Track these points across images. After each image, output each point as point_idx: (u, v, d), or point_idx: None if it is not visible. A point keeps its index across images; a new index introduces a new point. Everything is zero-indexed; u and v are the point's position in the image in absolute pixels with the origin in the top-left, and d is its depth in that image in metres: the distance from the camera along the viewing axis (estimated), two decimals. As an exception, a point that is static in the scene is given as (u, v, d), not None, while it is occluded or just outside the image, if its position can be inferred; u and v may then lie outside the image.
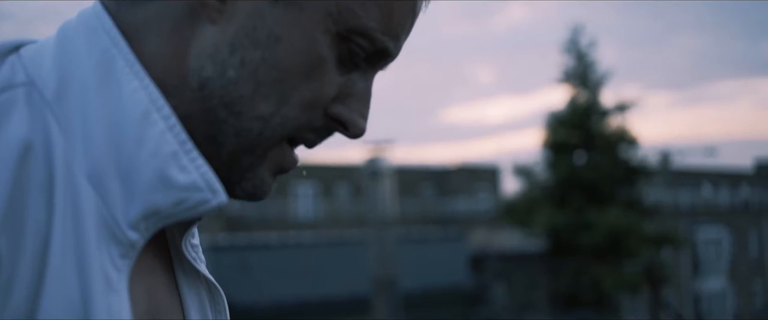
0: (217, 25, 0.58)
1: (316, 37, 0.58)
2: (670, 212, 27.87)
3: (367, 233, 14.20)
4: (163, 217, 0.57)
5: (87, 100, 0.56)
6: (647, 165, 22.21)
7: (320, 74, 0.59)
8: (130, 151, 0.56)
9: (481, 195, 31.34)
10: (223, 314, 0.69)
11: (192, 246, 0.67)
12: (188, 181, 0.56)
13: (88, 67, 0.57)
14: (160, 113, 0.57)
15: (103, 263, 0.54)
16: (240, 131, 0.59)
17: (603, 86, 22.03)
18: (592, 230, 20.40)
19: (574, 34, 22.12)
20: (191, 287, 0.67)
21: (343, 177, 29.53)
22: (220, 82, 0.58)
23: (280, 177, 0.65)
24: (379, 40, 0.60)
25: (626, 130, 21.84)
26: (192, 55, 0.58)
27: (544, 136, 21.95)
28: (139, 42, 0.59)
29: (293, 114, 0.59)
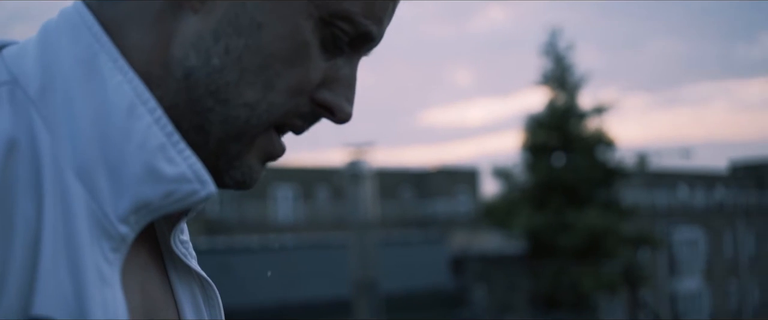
0: (200, 14, 0.58)
1: (299, 22, 0.59)
2: (647, 213, 28.14)
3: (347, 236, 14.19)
4: (153, 210, 0.57)
5: (72, 96, 0.56)
6: (624, 166, 22.41)
7: (305, 59, 0.59)
8: (118, 145, 0.55)
9: (461, 197, 31.45)
10: (216, 309, 0.69)
11: (182, 242, 0.66)
12: (177, 173, 0.57)
13: (72, 63, 0.57)
14: (146, 106, 0.57)
15: (95, 258, 0.54)
16: (227, 119, 0.59)
17: (581, 89, 22.22)
18: (570, 231, 20.55)
19: (553, 37, 22.28)
20: (184, 283, 0.66)
21: (323, 180, 29.49)
22: (205, 70, 0.58)
23: (260, 184, 0.65)
24: (362, 23, 0.60)
25: (604, 132, 22.02)
26: (176, 44, 0.58)
27: (523, 138, 22.08)
28: (122, 35, 0.59)
29: (280, 100, 0.60)
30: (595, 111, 22.06)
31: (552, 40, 22.24)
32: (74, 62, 0.57)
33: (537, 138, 21.79)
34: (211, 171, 0.60)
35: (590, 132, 21.95)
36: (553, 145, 21.82)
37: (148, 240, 0.64)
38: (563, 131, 21.76)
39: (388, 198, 27.48)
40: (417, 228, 25.72)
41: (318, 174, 29.39)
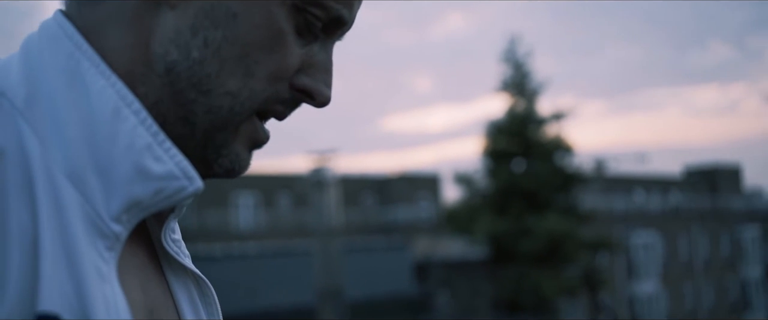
0: (177, 10, 0.60)
1: (273, 10, 0.60)
2: (605, 218, 28.58)
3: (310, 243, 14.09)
4: (144, 208, 0.59)
5: (57, 103, 0.57)
6: (583, 172, 22.71)
7: (281, 46, 0.61)
8: (106, 148, 0.57)
9: (423, 203, 31.55)
10: (213, 306, 0.71)
11: (174, 242, 0.68)
12: (164, 171, 0.59)
13: (55, 72, 0.58)
14: (131, 108, 0.58)
15: (92, 257, 0.56)
16: (210, 108, 0.60)
17: (539, 95, 22.47)
18: (531, 236, 20.75)
19: (512, 44, 22.52)
20: (180, 282, 0.68)
21: (285, 187, 29.33)
22: (185, 63, 0.60)
23: (220, 189, 0.65)
24: (333, 8, 0.62)
25: (562, 138, 22.28)
26: (156, 41, 0.60)
27: (483, 144, 22.24)
28: (103, 37, 0.60)
29: (260, 87, 0.61)
30: (554, 117, 22.32)
31: (511, 48, 22.48)
32: (57, 71, 0.58)
33: (497, 144, 21.96)
34: (200, 162, 0.63)
35: (549, 138, 22.21)
36: (514, 150, 22.02)
37: (144, 242, 0.66)
38: (523, 137, 21.97)
39: (351, 204, 27.46)
40: (379, 235, 25.72)
41: (279, 181, 29.22)
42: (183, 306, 0.68)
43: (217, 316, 0.71)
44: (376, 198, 31.93)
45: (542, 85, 22.50)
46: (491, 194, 21.97)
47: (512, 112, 22.15)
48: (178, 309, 0.67)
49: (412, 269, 19.80)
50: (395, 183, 32.17)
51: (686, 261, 34.91)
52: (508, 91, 22.38)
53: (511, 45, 22.49)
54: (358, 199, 30.72)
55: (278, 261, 16.32)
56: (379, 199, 31.81)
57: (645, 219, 33.17)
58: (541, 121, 22.27)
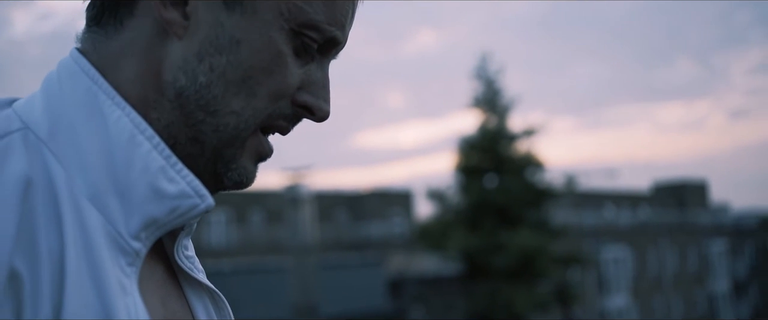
0: (183, 41, 0.65)
1: (273, 36, 0.66)
2: (576, 233, 28.82)
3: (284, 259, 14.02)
4: (161, 225, 0.64)
5: (78, 134, 0.63)
6: (554, 187, 22.86)
7: (281, 67, 0.67)
8: (123, 172, 0.63)
9: (396, 219, 31.54)
10: (227, 318, 0.76)
11: (187, 258, 0.73)
12: (178, 190, 0.64)
13: (74, 106, 0.64)
14: (144, 135, 0.64)
15: (115, 272, 0.61)
16: (217, 127, 0.66)
17: (511, 111, 22.61)
18: (504, 252, 20.81)
19: (483, 61, 22.67)
20: (196, 296, 0.73)
21: (257, 203, 29.15)
22: (193, 88, 0.65)
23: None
24: (328, 30, 0.68)
25: (533, 154, 22.41)
26: (166, 70, 0.66)
27: (455, 160, 22.31)
28: (117, 69, 0.66)
29: (263, 105, 0.67)
30: (525, 133, 22.45)
31: (482, 64, 22.61)
32: (76, 104, 0.64)
33: (469, 160, 22.02)
34: (210, 176, 0.68)
35: (520, 154, 22.32)
36: (486, 166, 22.09)
37: (162, 259, 0.71)
38: (495, 153, 22.06)
39: (325, 221, 27.36)
40: (353, 251, 25.64)
41: (252, 197, 29.04)
42: (200, 315, 0.73)
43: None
44: (350, 214, 31.88)
45: (513, 101, 22.64)
46: (464, 210, 22.01)
47: (484, 128, 22.26)
48: (195, 318, 0.73)
49: (387, 285, 19.78)
50: (368, 199, 32.15)
51: (655, 275, 35.29)
52: (479, 108, 22.48)
53: (482, 62, 22.63)
54: (331, 215, 30.64)
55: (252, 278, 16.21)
56: (353, 215, 31.76)
57: (615, 233, 33.49)
58: (513, 137, 22.40)
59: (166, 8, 0.65)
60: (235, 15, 0.65)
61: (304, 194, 12.73)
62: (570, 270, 24.49)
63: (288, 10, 0.66)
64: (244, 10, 0.65)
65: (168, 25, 0.65)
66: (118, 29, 0.67)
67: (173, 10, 0.65)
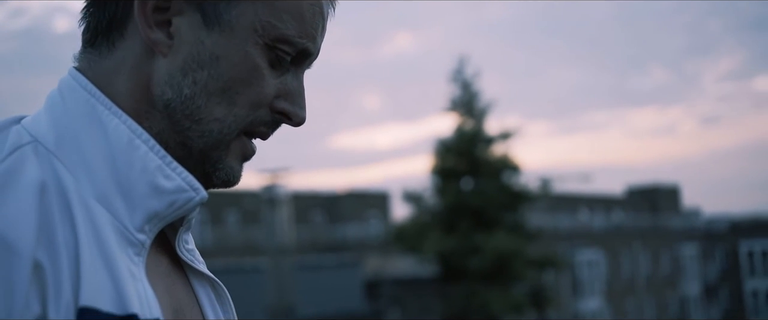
0: (168, 58, 0.73)
1: (249, 51, 0.73)
2: (551, 236, 29.01)
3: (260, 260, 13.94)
4: (162, 218, 0.72)
5: (81, 142, 0.71)
6: (529, 190, 22.97)
7: (258, 79, 0.74)
8: (125, 173, 0.71)
9: (372, 221, 31.53)
10: (227, 306, 0.83)
11: (188, 251, 0.80)
12: (174, 186, 0.72)
13: (76, 117, 0.72)
14: (141, 138, 0.72)
15: (125, 261, 0.69)
16: (203, 133, 0.74)
17: (487, 115, 22.69)
18: (479, 254, 20.87)
19: (460, 65, 22.73)
20: (200, 285, 0.81)
21: (232, 204, 28.99)
22: (179, 100, 0.73)
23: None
24: (299, 43, 0.75)
25: (509, 157, 22.50)
26: (154, 84, 0.73)
27: (432, 162, 22.34)
28: (111, 85, 0.74)
29: (243, 113, 0.74)
30: (501, 137, 22.52)
31: (459, 68, 22.67)
32: (77, 116, 0.72)
33: (446, 162, 22.05)
34: (201, 177, 0.75)
35: (496, 157, 22.40)
36: (462, 169, 22.14)
37: (167, 252, 0.79)
38: (471, 156, 22.12)
39: (301, 222, 27.26)
40: (329, 253, 25.59)
41: (227, 198, 28.87)
42: (205, 305, 0.81)
43: (232, 315, 0.84)
44: (326, 216, 31.82)
45: (490, 104, 22.72)
46: (440, 212, 22.04)
47: (460, 131, 22.30)
48: (201, 308, 0.81)
49: (363, 287, 19.77)
50: (345, 200, 32.11)
51: (629, 279, 35.64)
52: (456, 111, 22.53)
53: (459, 65, 22.69)
54: (307, 217, 30.56)
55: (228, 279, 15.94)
56: (329, 217, 31.71)
57: (589, 237, 33.77)
58: (489, 140, 22.47)
59: (152, 30, 0.73)
60: (214, 33, 0.73)
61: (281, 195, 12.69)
62: (545, 273, 24.64)
63: (262, 27, 0.73)
64: (222, 28, 0.73)
65: (154, 45, 0.73)
66: (110, 49, 0.74)
67: (158, 31, 0.73)
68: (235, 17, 0.73)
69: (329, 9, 0.80)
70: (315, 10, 0.77)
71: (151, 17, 0.73)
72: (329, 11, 0.80)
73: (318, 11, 0.77)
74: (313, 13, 0.77)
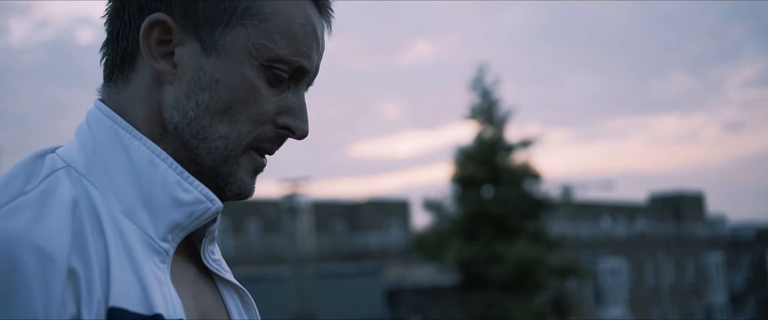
0: (174, 85, 0.81)
1: (245, 72, 0.80)
2: (573, 244, 28.81)
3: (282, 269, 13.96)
4: (183, 228, 0.80)
5: (107, 164, 0.79)
6: (550, 198, 22.85)
7: (256, 97, 0.81)
8: (147, 188, 0.79)
9: (393, 229, 31.51)
10: (252, 312, 0.91)
11: (214, 261, 0.88)
12: (192, 198, 0.80)
13: (101, 142, 0.81)
14: (160, 157, 0.80)
15: (151, 267, 0.77)
16: (210, 150, 0.81)
17: (507, 123, 22.62)
18: (500, 262, 20.78)
19: (480, 73, 22.69)
20: (227, 291, 0.88)
21: (253, 213, 29.13)
22: (185, 122, 0.81)
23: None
24: (293, 61, 0.82)
25: (530, 165, 22.41)
26: (164, 110, 0.81)
27: (452, 170, 22.30)
28: (129, 112, 0.82)
29: (246, 129, 0.81)
30: (522, 144, 22.44)
31: (479, 76, 22.62)
32: (103, 141, 0.81)
33: (466, 170, 22.00)
34: (215, 191, 0.82)
35: (517, 165, 22.32)
36: (482, 177, 22.07)
37: (195, 262, 0.87)
38: (491, 164, 22.05)
39: (321, 230, 27.31)
40: (350, 261, 25.60)
41: (248, 207, 29.02)
42: (232, 311, 0.88)
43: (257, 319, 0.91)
44: (347, 224, 31.85)
45: (510, 112, 22.67)
46: (460, 220, 21.98)
47: (480, 139, 22.26)
48: (229, 313, 0.88)
49: (384, 295, 19.74)
50: (365, 209, 32.13)
51: (652, 287, 35.27)
52: (476, 119, 22.49)
53: (479, 73, 22.65)
54: (328, 225, 30.62)
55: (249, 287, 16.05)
56: (349, 225, 31.74)
57: (612, 245, 33.49)
58: (509, 148, 22.39)
59: (157, 61, 0.81)
60: (212, 58, 0.80)
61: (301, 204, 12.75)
62: (567, 282, 24.46)
63: (255, 49, 0.80)
64: (219, 54, 0.80)
65: (160, 74, 0.81)
66: (125, 82, 0.83)
67: (163, 62, 0.81)
68: (230, 42, 0.80)
69: (324, 27, 0.86)
70: (307, 31, 0.83)
71: (156, 50, 0.81)
72: (324, 29, 0.86)
73: (310, 31, 0.83)
74: (305, 33, 0.83)
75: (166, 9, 0.81)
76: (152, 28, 0.80)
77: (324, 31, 0.86)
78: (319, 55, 0.85)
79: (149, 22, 0.80)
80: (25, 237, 0.70)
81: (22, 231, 0.70)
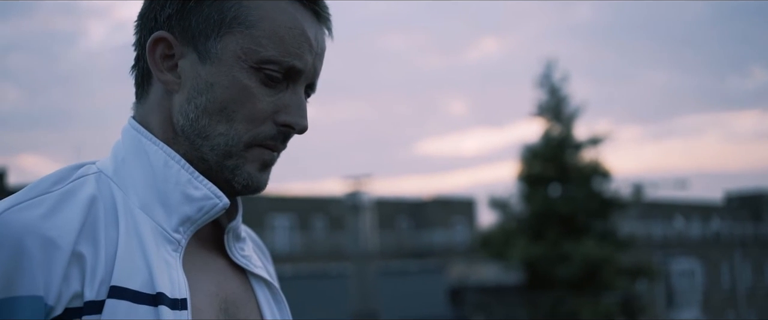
0: (179, 93, 0.92)
1: (235, 75, 0.89)
2: (644, 244, 28.13)
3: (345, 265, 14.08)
4: (194, 221, 0.89)
5: (130, 167, 0.91)
6: (620, 197, 22.36)
7: (249, 97, 0.89)
8: (162, 186, 0.90)
9: (458, 227, 31.40)
10: (282, 305, 0.99)
11: (244, 256, 0.97)
12: (202, 194, 0.89)
13: (128, 150, 0.93)
14: (174, 159, 0.90)
15: (161, 254, 0.86)
16: (212, 147, 0.90)
17: (576, 120, 22.22)
18: (568, 262, 20.46)
19: (547, 69, 22.34)
20: (258, 286, 0.98)
21: (319, 210, 29.45)
22: (188, 124, 0.91)
23: (256, 211, 0.88)
24: (283, 61, 0.90)
25: (599, 163, 21.97)
26: (173, 116, 0.92)
27: (519, 168, 22.06)
28: (150, 122, 0.94)
29: (243, 127, 0.90)
30: (591, 142, 22.01)
31: (547, 72, 22.26)
32: (129, 148, 0.93)
33: (533, 168, 21.73)
34: (225, 183, 0.91)
35: (586, 163, 21.90)
36: (549, 175, 21.76)
37: (225, 257, 0.96)
38: (559, 162, 21.72)
39: (386, 228, 27.42)
40: (414, 259, 25.62)
41: (314, 203, 29.35)
42: (262, 303, 0.97)
43: (287, 314, 1.00)
44: (411, 222, 31.88)
45: (578, 109, 22.25)
46: (526, 219, 21.73)
47: (548, 137, 21.93)
48: (259, 305, 0.97)
49: (447, 293, 19.67)
50: (430, 207, 32.10)
51: (728, 289, 34.13)
52: (543, 116, 22.17)
53: (546, 69, 22.31)
54: (393, 223, 30.70)
55: (313, 283, 16.36)
56: (414, 223, 31.76)
57: (685, 245, 32.56)
58: (578, 146, 21.99)
59: (163, 73, 0.92)
60: (207, 65, 0.90)
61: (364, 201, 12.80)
62: (637, 283, 23.89)
63: (244, 53, 0.89)
64: (212, 61, 0.90)
65: (166, 84, 0.92)
66: (145, 97, 0.95)
67: (168, 74, 0.92)
68: (221, 49, 0.90)
69: (319, 31, 0.94)
70: (295, 33, 0.91)
71: (161, 64, 0.92)
72: (320, 33, 0.94)
73: (298, 33, 0.91)
74: (292, 35, 0.90)
75: (167, 28, 0.92)
76: (156, 44, 0.92)
77: (320, 34, 0.94)
78: (314, 56, 0.92)
79: (152, 39, 0.92)
80: (35, 226, 0.81)
81: (33, 222, 0.81)
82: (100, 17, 49.81)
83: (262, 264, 1.01)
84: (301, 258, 25.08)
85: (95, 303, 0.81)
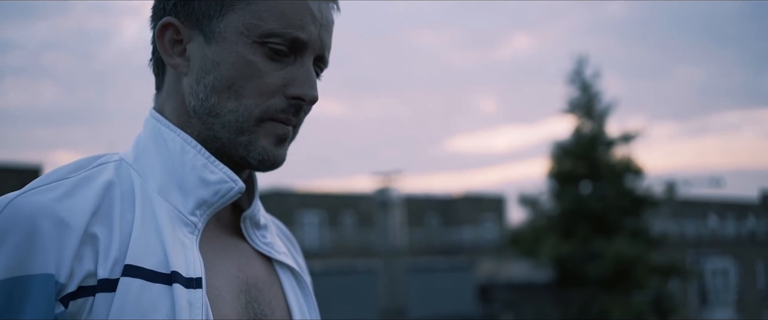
0: (188, 75, 0.93)
1: (239, 51, 0.90)
2: (676, 242, 27.75)
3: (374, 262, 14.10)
4: (210, 205, 0.91)
5: (149, 153, 0.94)
6: (653, 195, 22.09)
7: (256, 71, 0.90)
8: (179, 171, 0.92)
9: (487, 224, 31.27)
10: (306, 291, 1.02)
11: (266, 244, 0.99)
12: (217, 178, 0.91)
13: (148, 137, 0.95)
14: (190, 144, 0.92)
15: (177, 235, 0.88)
16: (223, 124, 0.92)
17: (608, 117, 21.98)
18: (599, 260, 20.27)
19: (579, 65, 22.13)
20: (283, 271, 1.00)
21: (349, 206, 29.53)
22: (199, 103, 0.92)
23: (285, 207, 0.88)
24: (286, 33, 0.90)
25: (631, 160, 21.72)
26: (186, 99, 0.94)
27: (549, 165, 21.89)
28: (167, 108, 0.96)
29: (252, 102, 0.91)
30: (623, 139, 21.76)
31: (578, 68, 22.05)
32: (148, 136, 0.95)
33: (563, 166, 21.55)
34: (240, 160, 0.92)
35: (618, 160, 21.67)
36: (580, 173, 21.56)
37: (247, 243, 0.98)
38: (590, 159, 21.51)
39: (415, 225, 27.41)
40: (443, 256, 25.58)
41: (344, 200, 29.44)
42: (287, 288, 1.00)
43: (312, 300, 1.02)
44: (441, 218, 31.82)
45: (610, 106, 22.01)
46: (557, 216, 21.55)
47: (579, 134, 21.72)
48: (283, 290, 0.99)
49: (476, 290, 19.62)
50: (459, 203, 32.01)
51: (764, 289, 33.54)
52: (574, 113, 21.96)
53: (577, 66, 22.09)
54: (422, 220, 30.67)
55: (342, 279, 16.42)
56: (443, 220, 31.69)
57: (719, 244, 32.05)
58: (610, 143, 21.75)
59: (172, 57, 0.94)
60: (212, 45, 0.91)
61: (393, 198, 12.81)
62: (670, 281, 23.58)
63: (246, 28, 0.90)
64: (217, 40, 0.91)
65: (175, 67, 0.94)
66: (161, 85, 0.98)
67: (177, 57, 0.94)
68: (224, 28, 0.91)
69: (322, 1, 0.94)
70: (296, 5, 0.91)
71: (170, 49, 0.94)
72: (325, 5, 0.94)
73: (300, 5, 0.91)
74: (294, 7, 0.91)
75: (174, 14, 0.94)
76: (163, 30, 0.95)
77: (324, 6, 0.94)
78: (320, 28, 0.93)
79: (160, 26, 0.95)
80: (48, 208, 0.83)
81: (47, 204, 0.84)
82: (133, 16, 50.48)
83: (286, 250, 1.03)
84: (331, 255, 25.17)
85: (109, 281, 0.83)
